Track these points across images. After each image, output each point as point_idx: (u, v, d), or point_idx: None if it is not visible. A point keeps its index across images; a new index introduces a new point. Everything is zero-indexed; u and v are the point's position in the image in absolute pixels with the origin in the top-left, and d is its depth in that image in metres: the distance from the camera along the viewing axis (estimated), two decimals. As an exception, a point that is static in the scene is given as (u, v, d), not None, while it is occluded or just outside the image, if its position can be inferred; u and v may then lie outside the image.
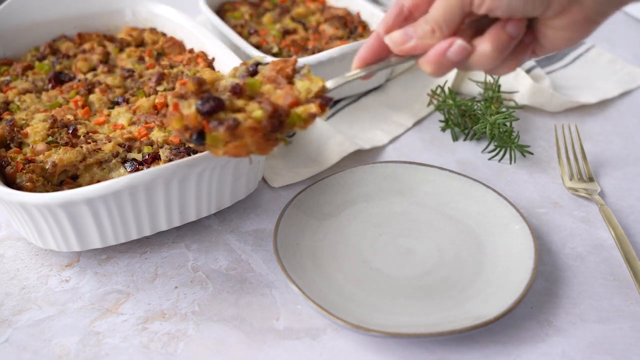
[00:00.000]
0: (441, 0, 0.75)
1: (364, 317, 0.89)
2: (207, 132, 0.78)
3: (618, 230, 1.05)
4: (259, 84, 0.83)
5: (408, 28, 0.78)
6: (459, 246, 1.02)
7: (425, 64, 0.79)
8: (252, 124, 0.77)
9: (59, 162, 1.00)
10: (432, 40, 0.77)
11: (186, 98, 0.80)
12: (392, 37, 0.80)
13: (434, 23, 0.76)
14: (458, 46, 0.76)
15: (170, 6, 1.36)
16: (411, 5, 0.80)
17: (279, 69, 0.84)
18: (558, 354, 0.89)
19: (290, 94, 0.81)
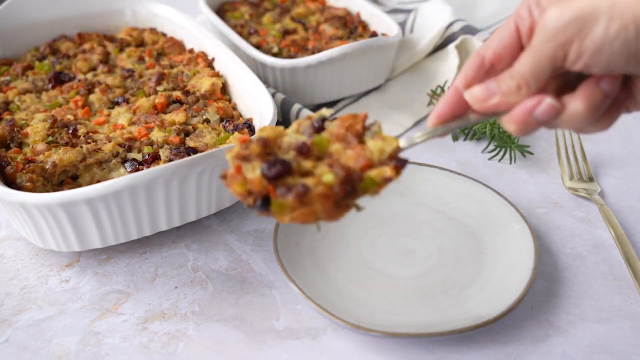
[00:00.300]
0: (529, 54, 0.68)
1: (364, 317, 0.89)
2: (273, 198, 0.71)
3: (618, 230, 1.05)
4: (327, 142, 0.76)
5: (490, 83, 0.71)
6: (459, 246, 1.02)
7: (509, 123, 0.71)
8: (323, 190, 0.70)
9: (59, 162, 1.00)
10: (517, 98, 0.70)
11: (249, 160, 0.73)
12: (472, 93, 0.72)
13: (520, 78, 0.69)
14: (547, 105, 0.68)
15: (170, 6, 1.36)
16: (493, 58, 0.73)
17: (348, 126, 0.76)
18: (558, 354, 0.89)
19: (362, 156, 0.73)
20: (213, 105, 1.14)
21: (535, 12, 0.70)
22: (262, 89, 1.10)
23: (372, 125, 0.77)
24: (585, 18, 0.63)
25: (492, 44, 0.73)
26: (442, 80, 1.40)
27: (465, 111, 0.75)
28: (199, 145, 1.05)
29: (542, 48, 0.66)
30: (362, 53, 1.30)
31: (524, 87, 0.69)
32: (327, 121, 0.78)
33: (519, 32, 0.72)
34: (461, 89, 0.74)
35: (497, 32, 0.73)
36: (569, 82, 0.71)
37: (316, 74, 1.29)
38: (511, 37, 0.72)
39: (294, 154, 0.75)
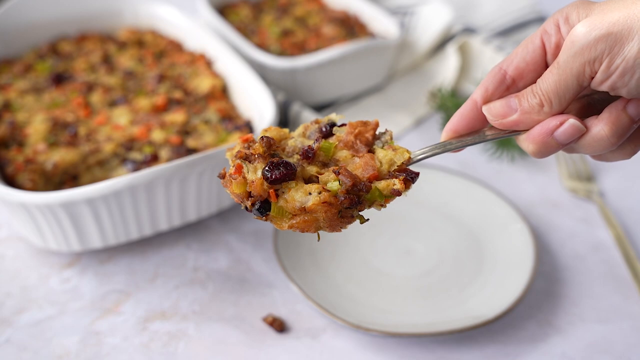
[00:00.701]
0: (554, 70, 0.63)
1: (364, 317, 0.89)
2: (273, 202, 0.67)
3: (618, 230, 1.05)
4: (334, 149, 0.71)
5: (511, 99, 0.67)
6: (458, 246, 1.03)
7: (527, 142, 0.67)
8: (327, 198, 0.65)
9: (60, 163, 1.00)
10: (538, 116, 0.65)
11: (251, 161, 0.68)
12: (491, 108, 0.68)
13: (543, 96, 0.64)
14: (570, 125, 0.64)
15: (170, 7, 1.37)
16: (515, 73, 0.69)
17: (358, 133, 0.72)
18: (558, 354, 0.89)
19: (370, 165, 0.69)
20: (213, 106, 1.14)
21: (563, 28, 0.66)
22: (262, 89, 1.10)
23: (383, 134, 0.74)
24: (617, 35, 0.59)
25: (515, 58, 0.69)
26: (442, 81, 1.40)
27: (482, 126, 0.72)
28: (199, 145, 1.05)
29: (569, 64, 0.62)
30: (361, 54, 1.30)
31: (546, 106, 0.65)
32: (336, 127, 0.74)
33: (544, 48, 0.68)
34: (479, 103, 0.70)
35: (521, 47, 0.69)
36: (593, 104, 0.68)
37: (316, 75, 1.29)
38: (535, 53, 0.68)
39: (298, 158, 0.71)
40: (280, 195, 0.67)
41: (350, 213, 0.68)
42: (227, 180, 0.68)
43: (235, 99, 1.19)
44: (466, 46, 1.42)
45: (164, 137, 1.06)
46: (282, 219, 0.67)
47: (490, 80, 0.69)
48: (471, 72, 1.42)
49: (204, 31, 1.29)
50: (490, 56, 1.38)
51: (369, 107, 1.38)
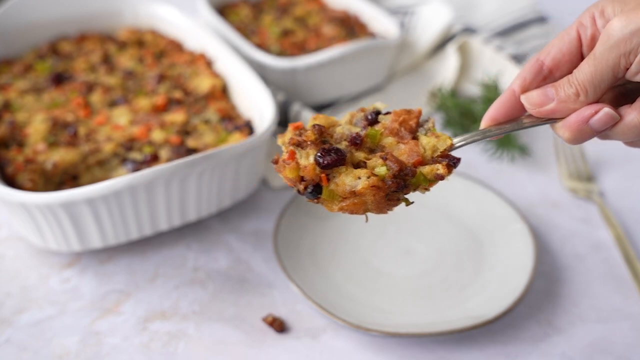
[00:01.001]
0: (590, 62, 0.67)
1: (364, 317, 0.89)
2: (325, 186, 0.71)
3: (618, 230, 1.05)
4: (380, 135, 0.76)
5: (548, 88, 0.70)
6: (458, 246, 1.03)
7: (562, 129, 0.70)
8: (376, 182, 0.69)
9: (60, 163, 1.00)
10: (574, 105, 0.69)
11: (304, 147, 0.72)
12: (529, 97, 0.72)
13: (579, 86, 0.68)
14: (605, 114, 0.67)
15: (170, 6, 1.37)
16: (552, 64, 0.72)
17: (402, 121, 0.76)
18: (558, 354, 0.89)
19: (415, 151, 0.73)
20: (213, 106, 1.14)
21: (599, 21, 0.69)
22: (262, 89, 1.10)
23: (425, 122, 0.77)
24: None
25: (552, 50, 0.72)
26: (442, 81, 1.40)
27: (520, 114, 0.75)
28: (199, 145, 1.05)
29: (605, 56, 0.65)
30: (361, 54, 1.30)
31: (582, 95, 0.68)
32: (381, 114, 0.77)
33: (580, 40, 0.71)
34: (518, 92, 0.73)
35: (557, 39, 0.72)
36: (626, 93, 0.70)
37: (316, 75, 1.29)
38: (571, 45, 0.71)
39: (346, 144, 0.74)
40: (331, 179, 0.70)
41: (396, 196, 0.72)
42: (281, 165, 0.72)
43: (235, 99, 1.19)
44: (466, 46, 1.42)
45: (164, 137, 1.06)
46: (333, 201, 0.71)
47: (528, 71, 0.73)
48: (471, 72, 1.42)
49: (204, 31, 1.29)
50: (490, 56, 1.38)
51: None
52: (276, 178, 1.18)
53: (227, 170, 0.99)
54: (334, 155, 0.70)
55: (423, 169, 0.72)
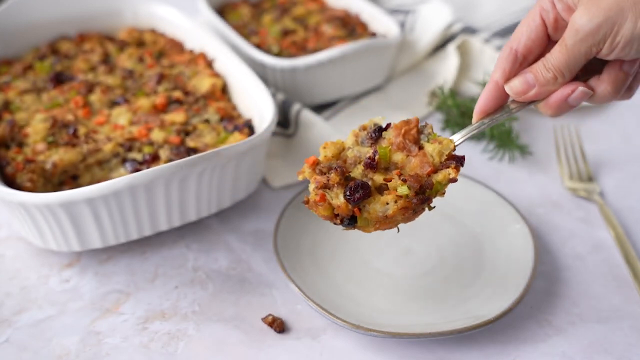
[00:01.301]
0: (563, 51, 0.75)
1: (364, 317, 0.89)
2: (359, 216, 0.79)
3: (618, 230, 1.05)
4: (389, 153, 0.82)
5: (528, 76, 0.78)
6: (459, 246, 1.03)
7: (545, 108, 0.80)
8: (403, 204, 0.78)
9: (60, 163, 1.00)
10: (554, 87, 0.78)
11: (330, 187, 0.79)
12: (513, 87, 0.80)
13: (556, 71, 0.76)
14: (580, 92, 0.77)
15: (170, 7, 1.37)
16: (524, 51, 0.80)
17: (404, 133, 0.82)
18: (558, 354, 0.89)
19: (426, 162, 0.81)
20: (213, 105, 1.14)
21: (558, 5, 0.77)
22: (262, 89, 1.10)
23: (424, 128, 0.83)
24: (614, 17, 0.71)
25: (521, 37, 0.79)
26: (442, 81, 1.40)
27: (505, 101, 0.83)
28: (199, 145, 1.05)
29: (577, 47, 0.74)
30: (361, 53, 1.30)
31: (559, 78, 0.77)
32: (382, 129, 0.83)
33: (544, 24, 0.79)
34: (500, 83, 0.81)
35: (524, 26, 0.79)
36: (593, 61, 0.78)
37: (316, 74, 1.29)
38: (538, 30, 0.79)
39: (362, 169, 0.81)
40: (363, 209, 0.79)
41: (421, 207, 0.80)
42: (313, 206, 0.80)
43: (235, 99, 1.19)
44: (466, 46, 1.42)
45: (164, 137, 1.06)
46: (368, 226, 0.80)
47: (505, 61, 0.80)
48: (471, 72, 1.42)
49: (203, 31, 1.29)
50: (490, 56, 1.38)
51: (369, 107, 1.38)
52: (276, 178, 1.18)
53: (227, 170, 0.99)
54: (361, 192, 0.78)
55: (436, 176, 0.79)
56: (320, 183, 0.79)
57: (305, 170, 0.82)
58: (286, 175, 1.18)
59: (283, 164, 1.21)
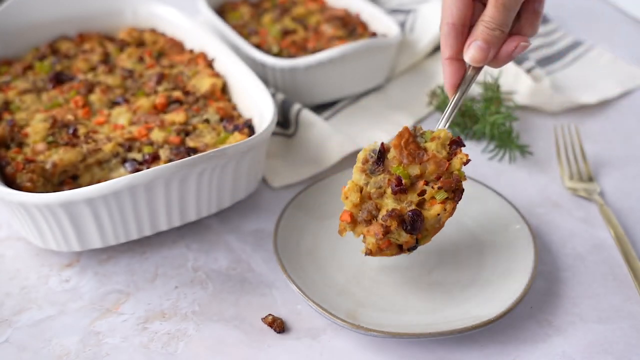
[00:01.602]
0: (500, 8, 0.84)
1: (364, 317, 0.89)
2: (420, 239, 0.87)
3: (618, 230, 1.05)
4: (405, 169, 0.86)
5: (479, 43, 0.86)
6: (458, 246, 1.03)
7: (493, 64, 0.89)
8: (451, 210, 0.86)
9: (60, 162, 1.00)
10: (500, 41, 0.86)
11: (392, 230, 0.85)
12: (473, 57, 0.86)
13: (500, 27, 0.85)
14: (522, 47, 0.87)
15: (170, 6, 1.36)
16: (460, 21, 0.87)
17: (405, 145, 0.86)
18: (558, 354, 0.89)
19: (440, 162, 0.86)
20: (213, 105, 1.14)
21: None
22: (262, 89, 1.10)
23: (417, 131, 0.88)
24: None
25: (453, 11, 0.87)
26: (442, 81, 1.40)
27: (464, 71, 0.91)
28: (199, 145, 1.05)
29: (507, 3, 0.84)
30: (361, 53, 1.30)
31: (505, 31, 0.86)
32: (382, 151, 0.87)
33: None
34: (453, 57, 0.89)
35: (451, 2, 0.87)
36: None
37: (316, 74, 1.29)
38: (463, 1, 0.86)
39: (393, 197, 0.86)
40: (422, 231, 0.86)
41: (459, 201, 0.86)
42: (378, 253, 0.86)
43: (235, 99, 1.19)
44: (466, 46, 1.42)
45: (164, 137, 1.06)
46: (427, 240, 0.87)
47: (452, 39, 0.88)
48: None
49: (203, 31, 1.29)
50: (490, 56, 1.38)
51: (369, 107, 1.38)
52: (276, 178, 1.18)
53: (227, 170, 0.99)
54: (419, 223, 0.84)
55: (454, 167, 0.86)
56: (381, 233, 0.84)
57: (346, 227, 0.87)
58: (286, 175, 1.18)
59: (283, 164, 1.21)
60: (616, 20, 1.72)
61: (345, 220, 0.86)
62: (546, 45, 1.58)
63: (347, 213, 0.86)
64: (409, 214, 0.84)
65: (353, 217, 0.86)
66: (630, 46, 1.60)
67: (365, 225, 0.86)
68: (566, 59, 1.54)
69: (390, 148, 0.87)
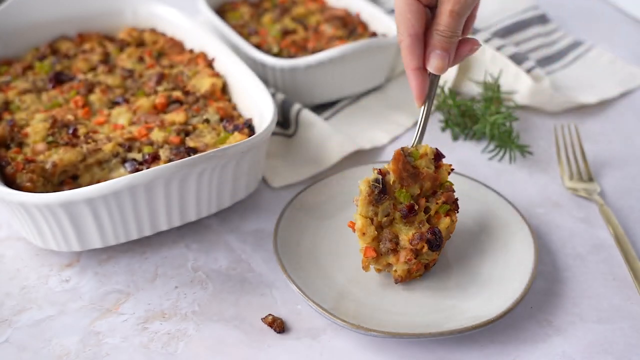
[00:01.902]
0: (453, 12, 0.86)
1: (364, 317, 0.89)
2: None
3: (618, 230, 1.05)
4: (406, 192, 0.91)
5: (438, 52, 0.89)
6: (458, 246, 1.02)
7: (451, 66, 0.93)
8: (456, 218, 0.94)
9: (59, 162, 1.00)
10: (455, 47, 0.90)
11: (421, 252, 0.90)
12: (437, 67, 0.90)
13: (455, 33, 0.88)
14: (477, 48, 0.93)
15: (170, 6, 1.37)
16: (419, 30, 0.89)
17: (404, 169, 0.90)
18: (558, 354, 0.89)
19: (434, 177, 0.93)
20: (213, 105, 1.14)
21: None
22: (262, 89, 1.10)
23: (405, 151, 0.92)
24: None
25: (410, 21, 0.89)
26: (442, 81, 1.40)
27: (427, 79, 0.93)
28: (199, 145, 1.05)
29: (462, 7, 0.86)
30: (362, 53, 1.30)
31: (459, 36, 0.90)
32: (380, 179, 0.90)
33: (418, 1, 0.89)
34: (420, 68, 0.91)
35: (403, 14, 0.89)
36: None
37: (316, 74, 1.29)
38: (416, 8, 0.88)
39: (403, 222, 0.91)
40: None
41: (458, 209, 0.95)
42: (408, 277, 0.93)
43: (235, 99, 1.19)
44: (466, 46, 1.42)
45: (164, 137, 1.06)
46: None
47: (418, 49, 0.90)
48: (471, 72, 1.42)
49: (203, 31, 1.29)
50: (491, 54, 1.38)
51: (369, 107, 1.38)
52: (276, 178, 1.18)
53: (227, 170, 0.99)
54: (440, 238, 0.91)
55: (443, 178, 0.94)
56: (411, 257, 0.89)
57: (370, 263, 0.91)
58: (286, 175, 1.18)
59: (283, 164, 1.21)
60: (616, 20, 1.72)
61: (370, 256, 0.89)
62: (546, 45, 1.58)
63: (369, 249, 0.89)
64: (431, 233, 0.90)
65: (377, 251, 0.90)
66: (630, 46, 1.61)
67: (391, 254, 0.90)
68: (566, 59, 1.54)
69: (388, 173, 0.90)
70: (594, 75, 1.48)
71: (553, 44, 1.59)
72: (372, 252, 0.89)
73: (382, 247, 0.89)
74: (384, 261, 0.91)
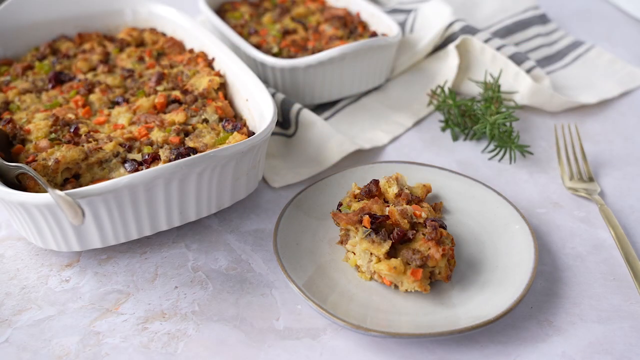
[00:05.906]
0: None
1: (364, 317, 0.89)
2: None
3: (618, 230, 1.05)
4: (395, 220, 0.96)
5: None
6: (459, 246, 1.02)
7: None
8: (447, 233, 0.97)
9: (62, 159, 1.00)
10: None
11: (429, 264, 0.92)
12: None
13: None
14: None
15: (170, 6, 1.37)
16: None
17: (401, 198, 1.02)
18: (558, 354, 0.89)
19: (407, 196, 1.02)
20: (212, 105, 1.14)
21: None
22: (262, 89, 1.10)
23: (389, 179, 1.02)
24: None
25: None
26: (442, 80, 1.40)
27: None
28: (199, 145, 1.05)
29: None
30: (362, 53, 1.30)
31: None
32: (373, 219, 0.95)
33: None
34: None
35: None
36: None
37: (316, 74, 1.29)
38: None
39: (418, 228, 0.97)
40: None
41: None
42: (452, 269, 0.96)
43: (235, 99, 1.19)
44: (467, 45, 1.42)
45: (164, 137, 1.06)
46: None
47: None
48: (471, 72, 1.42)
49: (203, 31, 1.29)
50: (491, 54, 1.38)
51: (369, 107, 1.38)
52: (276, 178, 1.18)
53: (227, 170, 0.99)
54: (449, 244, 0.96)
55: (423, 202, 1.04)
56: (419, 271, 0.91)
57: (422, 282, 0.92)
58: (286, 175, 1.18)
59: (283, 164, 1.21)
60: (616, 20, 1.72)
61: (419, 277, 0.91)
62: (546, 45, 1.58)
63: (417, 271, 0.91)
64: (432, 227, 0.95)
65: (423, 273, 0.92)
66: (630, 46, 1.60)
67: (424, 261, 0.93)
68: (566, 59, 1.54)
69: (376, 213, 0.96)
70: (594, 75, 1.48)
71: (553, 44, 1.59)
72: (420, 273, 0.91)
73: (413, 263, 0.92)
74: (427, 272, 0.93)
